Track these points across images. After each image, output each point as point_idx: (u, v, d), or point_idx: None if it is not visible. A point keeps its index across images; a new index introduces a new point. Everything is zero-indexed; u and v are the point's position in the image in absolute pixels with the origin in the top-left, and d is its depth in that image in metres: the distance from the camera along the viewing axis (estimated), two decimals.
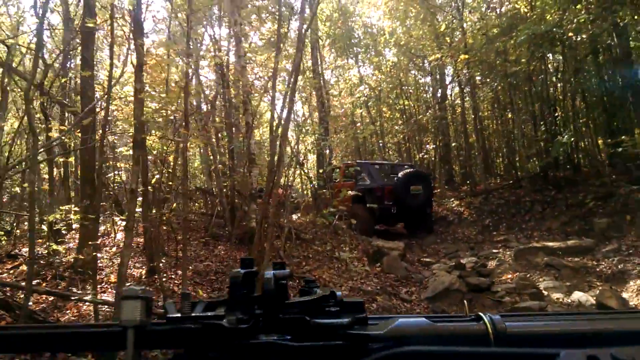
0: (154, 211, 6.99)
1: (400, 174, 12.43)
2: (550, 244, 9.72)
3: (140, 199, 6.70)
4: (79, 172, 9.26)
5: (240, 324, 0.77)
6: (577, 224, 10.94)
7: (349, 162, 14.13)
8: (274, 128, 6.40)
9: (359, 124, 24.27)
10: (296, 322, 0.76)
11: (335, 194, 12.51)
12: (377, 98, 22.44)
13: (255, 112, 8.86)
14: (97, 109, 7.13)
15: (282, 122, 6.14)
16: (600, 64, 12.13)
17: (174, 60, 7.75)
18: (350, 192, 12.11)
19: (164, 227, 7.71)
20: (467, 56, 13.68)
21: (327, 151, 13.65)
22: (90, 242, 5.98)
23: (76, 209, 6.83)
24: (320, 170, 13.78)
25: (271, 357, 0.75)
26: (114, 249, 8.59)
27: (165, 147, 8.26)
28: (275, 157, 6.19)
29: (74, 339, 0.83)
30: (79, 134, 6.46)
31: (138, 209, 6.68)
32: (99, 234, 8.52)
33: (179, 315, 0.80)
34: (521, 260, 9.40)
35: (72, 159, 9.47)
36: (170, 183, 8.18)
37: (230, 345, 0.76)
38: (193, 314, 0.80)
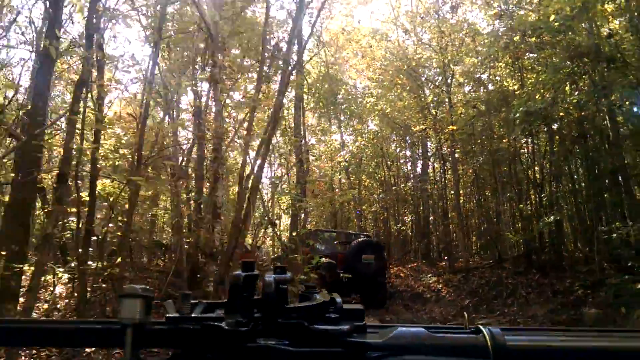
0: (94, 265, 5.92)
1: (352, 243, 12.27)
2: None
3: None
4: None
5: (239, 326, 0.76)
6: (565, 313, 10.11)
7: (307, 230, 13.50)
8: (244, 178, 5.57)
9: (337, 190, 23.70)
10: (295, 327, 0.76)
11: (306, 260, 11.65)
12: (358, 165, 22.00)
13: (225, 162, 8.08)
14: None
15: (255, 172, 5.33)
16: (590, 147, 11.82)
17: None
18: (324, 259, 11.28)
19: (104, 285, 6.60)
20: (454, 127, 13.34)
21: (303, 214, 12.80)
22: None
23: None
24: (294, 233, 12.89)
25: None
26: (45, 306, 7.40)
27: (117, 192, 7.31)
28: (242, 212, 5.31)
29: (74, 335, 0.84)
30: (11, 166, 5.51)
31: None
32: (41, 286, 7.33)
33: (178, 315, 0.80)
34: None
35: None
36: (119, 234, 7.16)
37: (229, 348, 0.76)
38: (192, 315, 0.81)
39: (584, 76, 10.73)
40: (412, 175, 21.36)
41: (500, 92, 13.22)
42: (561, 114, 11.26)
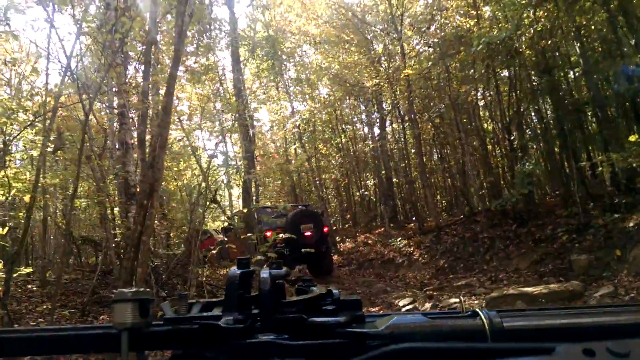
0: None
1: (288, 215, 12.03)
2: (528, 289, 7.79)
3: None
4: None
5: (237, 324, 0.77)
6: (551, 263, 9.19)
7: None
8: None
9: (293, 162, 22.36)
10: (293, 321, 0.77)
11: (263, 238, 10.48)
12: (312, 132, 20.65)
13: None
14: None
15: (160, 127, 3.87)
16: (557, 80, 10.79)
17: None
18: (281, 235, 10.15)
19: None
20: (410, 71, 12.06)
21: (253, 189, 11.39)
22: None
23: None
24: (245, 210, 11.57)
25: (269, 357, 0.74)
26: None
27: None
28: (149, 186, 3.86)
29: (70, 341, 0.84)
30: None
31: None
32: None
33: (175, 316, 0.81)
34: None
35: None
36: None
37: (228, 345, 0.76)
38: (190, 315, 0.81)
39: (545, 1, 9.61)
40: (370, 137, 20.13)
41: (455, 32, 11.98)
42: (524, 46, 10.14)
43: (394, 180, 19.30)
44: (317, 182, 21.58)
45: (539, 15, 9.44)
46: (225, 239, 11.49)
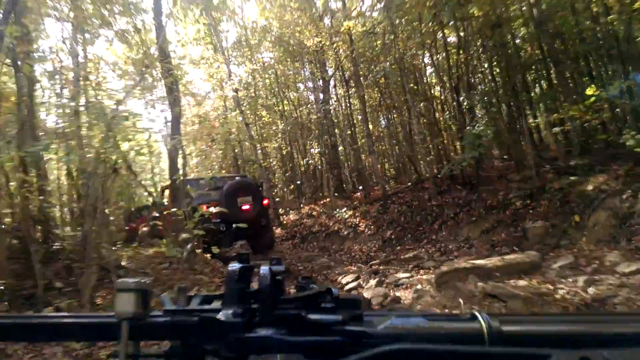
0: None
1: (224, 187, 11.05)
2: (481, 261, 7.05)
3: None
4: None
5: (236, 317, 0.77)
6: (504, 232, 8.54)
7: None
8: None
9: (234, 130, 20.96)
10: (292, 317, 0.77)
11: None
12: (254, 98, 19.28)
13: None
14: None
15: None
16: (506, 34, 9.99)
17: None
18: (213, 209, 9.13)
19: None
20: (350, 25, 10.93)
21: (181, 158, 10.07)
22: None
23: None
24: (165, 184, 10.28)
25: (267, 351, 0.76)
26: None
27: None
28: None
29: (70, 329, 0.85)
30: None
31: None
32: None
33: (175, 307, 0.82)
34: (447, 288, 6.54)
35: None
36: None
37: (226, 338, 0.77)
38: (189, 307, 0.83)
39: None
40: (313, 102, 18.99)
41: None
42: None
43: (340, 148, 18.38)
44: (260, 150, 20.37)
45: None
46: (157, 215, 10.30)
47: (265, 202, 12.38)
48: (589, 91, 6.63)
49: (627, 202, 6.51)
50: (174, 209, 9.57)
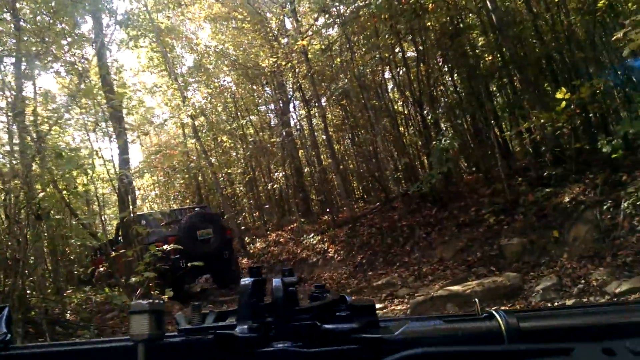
0: None
1: (182, 220, 10.62)
2: (458, 288, 6.45)
3: None
4: None
5: (252, 332, 0.76)
6: (479, 250, 7.99)
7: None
8: None
9: (194, 158, 20.12)
10: (307, 328, 0.75)
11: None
12: (210, 124, 18.53)
13: None
14: None
15: None
16: (466, 42, 9.62)
17: None
18: (167, 246, 8.34)
19: None
20: (304, 42, 10.41)
21: (131, 193, 9.25)
22: None
23: None
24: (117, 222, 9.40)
25: None
26: None
27: None
28: None
29: (87, 355, 0.84)
30: None
31: None
32: None
33: (190, 326, 0.81)
34: None
35: None
36: None
37: (243, 354, 0.75)
38: (204, 325, 0.81)
39: None
40: (275, 124, 18.38)
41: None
42: (430, 5, 8.83)
43: (306, 169, 17.73)
44: (222, 177, 19.55)
45: None
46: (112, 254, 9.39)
47: (228, 232, 11.70)
48: (559, 95, 6.18)
49: (608, 213, 6.03)
50: (123, 250, 8.80)
